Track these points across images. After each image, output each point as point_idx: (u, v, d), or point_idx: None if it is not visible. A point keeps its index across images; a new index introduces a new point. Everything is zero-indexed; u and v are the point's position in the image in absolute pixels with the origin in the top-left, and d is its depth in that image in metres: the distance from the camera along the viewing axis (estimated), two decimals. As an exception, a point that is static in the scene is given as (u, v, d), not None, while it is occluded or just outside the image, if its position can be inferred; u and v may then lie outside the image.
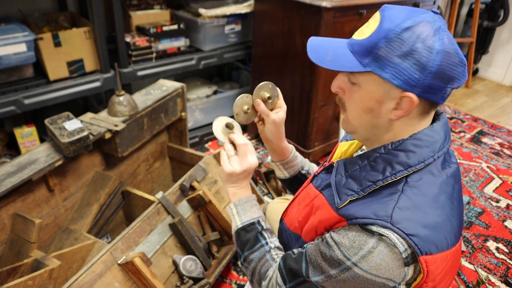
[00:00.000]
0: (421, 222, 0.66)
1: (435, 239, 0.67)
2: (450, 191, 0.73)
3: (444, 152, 0.72)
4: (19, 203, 1.19)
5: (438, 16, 0.66)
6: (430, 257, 0.66)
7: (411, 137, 0.71)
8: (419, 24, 0.64)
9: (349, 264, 0.67)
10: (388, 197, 0.68)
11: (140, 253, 1.10)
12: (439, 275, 0.70)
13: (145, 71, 1.88)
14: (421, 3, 2.05)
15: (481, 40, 3.28)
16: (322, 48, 0.74)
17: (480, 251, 1.65)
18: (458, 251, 0.75)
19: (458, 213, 0.75)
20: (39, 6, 1.82)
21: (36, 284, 1.05)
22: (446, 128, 0.74)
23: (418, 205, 0.68)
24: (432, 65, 0.63)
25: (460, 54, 0.66)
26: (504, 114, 2.90)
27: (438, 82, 0.65)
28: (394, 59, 0.64)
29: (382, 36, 0.65)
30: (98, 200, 1.39)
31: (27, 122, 1.72)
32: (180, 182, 1.36)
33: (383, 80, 0.66)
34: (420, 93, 0.65)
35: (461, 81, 0.67)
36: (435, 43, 0.63)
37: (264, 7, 1.95)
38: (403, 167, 0.69)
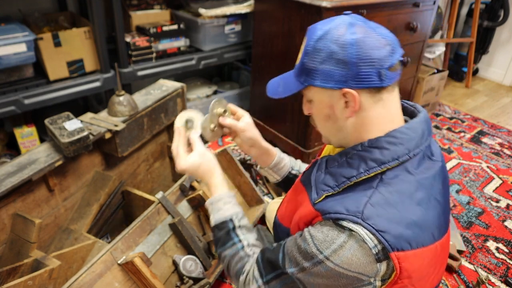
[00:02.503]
0: (393, 219, 0.68)
1: (407, 236, 0.68)
2: (429, 189, 0.74)
3: (422, 150, 0.74)
4: (19, 203, 1.19)
5: (349, 15, 0.74)
6: (402, 254, 0.67)
7: (387, 134, 0.73)
8: (330, 30, 0.71)
9: (321, 257, 0.69)
10: (361, 193, 0.71)
11: (140, 253, 1.10)
12: (415, 272, 0.70)
13: (145, 71, 1.88)
14: (421, 3, 2.05)
15: (481, 40, 3.28)
16: (275, 83, 0.84)
17: (480, 251, 1.65)
18: (439, 249, 0.75)
19: (440, 212, 0.75)
20: (39, 6, 1.82)
21: (36, 284, 1.05)
22: (425, 126, 0.76)
23: (391, 202, 0.69)
24: (351, 57, 0.69)
25: (382, 35, 0.71)
26: (504, 114, 2.90)
27: (366, 69, 0.69)
28: (318, 67, 0.72)
29: (304, 53, 0.74)
30: (98, 200, 1.39)
31: (27, 122, 1.72)
32: (180, 182, 1.36)
33: (322, 88, 0.73)
34: (355, 85, 0.71)
35: (391, 59, 0.70)
36: (347, 38, 0.69)
37: (264, 7, 1.95)
38: (376, 163, 0.72)
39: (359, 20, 0.72)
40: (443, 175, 0.79)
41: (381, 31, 0.72)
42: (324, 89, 0.73)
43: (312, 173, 0.81)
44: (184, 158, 0.94)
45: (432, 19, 2.26)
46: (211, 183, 0.96)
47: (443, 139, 2.50)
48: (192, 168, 0.94)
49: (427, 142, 0.75)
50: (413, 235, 0.68)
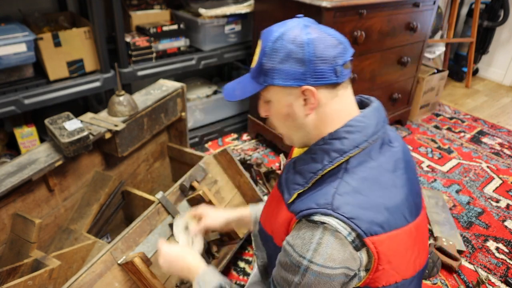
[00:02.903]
0: (362, 205, 0.70)
1: (378, 220, 0.69)
2: (392, 173, 0.76)
3: (379, 136, 0.77)
4: (19, 203, 1.19)
5: (303, 18, 0.77)
6: (376, 238, 0.69)
7: (344, 125, 0.76)
8: (286, 31, 0.74)
9: (305, 263, 0.69)
10: (328, 185, 0.73)
11: (140, 253, 1.10)
12: (394, 256, 0.72)
13: (145, 71, 1.88)
14: (421, 3, 2.05)
15: (481, 40, 3.28)
16: (230, 87, 0.85)
17: (480, 251, 1.65)
18: (414, 231, 0.77)
19: (407, 194, 0.77)
20: (39, 6, 1.82)
21: (36, 284, 1.05)
22: (378, 114, 0.80)
23: (358, 189, 0.71)
24: (308, 56, 0.72)
25: (334, 36, 0.75)
26: (504, 114, 2.90)
27: (322, 66, 0.73)
28: (277, 66, 0.74)
29: (262, 55, 0.76)
30: (98, 200, 1.39)
31: (27, 122, 1.72)
32: (180, 182, 1.36)
33: (281, 87, 0.75)
34: (314, 82, 0.74)
35: (344, 56, 0.75)
36: (303, 38, 0.72)
37: (264, 7, 1.95)
38: (338, 153, 0.74)
39: (312, 23, 0.76)
40: (405, 159, 0.82)
41: (332, 32, 0.76)
42: (283, 88, 0.75)
43: (283, 176, 0.84)
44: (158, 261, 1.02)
45: (432, 19, 2.26)
46: (190, 268, 0.97)
47: (443, 139, 2.50)
48: (166, 269, 1.00)
49: (383, 129, 0.79)
50: (384, 219, 0.70)
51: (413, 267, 0.78)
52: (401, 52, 2.18)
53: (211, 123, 2.37)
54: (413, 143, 2.43)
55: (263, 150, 2.28)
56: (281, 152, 2.09)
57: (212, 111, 2.32)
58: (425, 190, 1.98)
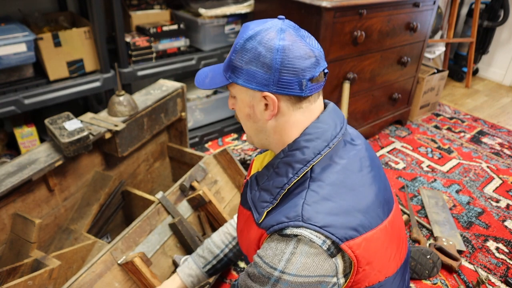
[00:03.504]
0: (333, 212, 0.69)
1: (351, 224, 0.69)
2: (358, 172, 0.75)
3: (339, 138, 0.76)
4: (19, 203, 1.19)
5: (283, 20, 0.74)
6: (352, 242, 0.68)
7: (302, 133, 0.75)
8: (261, 32, 0.71)
9: (277, 274, 0.68)
10: (296, 197, 0.72)
11: (140, 253, 1.10)
12: (373, 256, 0.71)
13: (145, 71, 1.88)
14: (421, 3, 2.05)
15: (481, 40, 3.28)
16: (204, 73, 0.84)
17: (480, 251, 1.65)
18: (389, 227, 0.76)
19: (377, 191, 0.76)
20: (39, 6, 1.82)
21: (36, 284, 1.05)
22: (335, 115, 0.78)
23: (326, 196, 0.70)
24: (275, 63, 0.70)
25: (310, 46, 0.71)
26: (504, 114, 2.90)
27: (288, 77, 0.70)
28: (244, 66, 0.73)
29: (233, 50, 0.74)
30: (98, 200, 1.39)
31: (27, 122, 1.72)
32: (180, 182, 1.36)
33: (245, 87, 0.74)
34: (276, 90, 0.72)
35: (313, 71, 0.71)
36: (275, 43, 0.70)
37: (264, 7, 1.95)
38: (302, 164, 0.73)
39: (290, 27, 0.73)
40: (369, 156, 0.80)
41: (310, 41, 0.73)
42: (247, 88, 0.74)
43: (248, 195, 0.82)
44: None
45: (432, 19, 2.26)
46: None
47: (443, 139, 2.50)
48: None
49: (342, 130, 0.77)
50: (358, 222, 0.69)
51: (395, 263, 0.78)
52: (401, 52, 2.18)
53: (211, 123, 2.37)
54: (413, 143, 2.43)
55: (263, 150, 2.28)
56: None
57: (212, 111, 2.32)
58: (425, 190, 1.99)
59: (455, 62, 3.45)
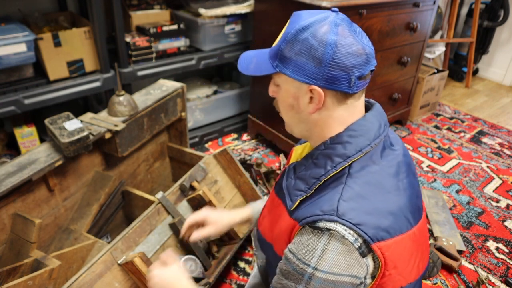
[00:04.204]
0: (367, 210, 0.68)
1: (384, 225, 0.68)
2: (395, 177, 0.75)
3: (381, 140, 0.75)
4: (19, 203, 1.19)
5: (337, 13, 0.73)
6: (383, 244, 0.67)
7: (346, 129, 0.75)
8: (314, 23, 0.70)
9: (310, 270, 0.67)
10: (332, 191, 0.71)
11: (140, 253, 1.10)
12: (399, 261, 0.71)
13: (145, 71, 1.88)
14: (421, 3, 2.05)
15: (481, 40, 3.28)
16: (248, 58, 0.82)
17: (480, 251, 1.65)
18: (417, 234, 0.76)
19: (410, 197, 0.76)
20: (39, 6, 1.82)
21: (36, 284, 1.05)
22: (380, 117, 0.78)
23: (362, 194, 0.70)
24: (327, 57, 0.68)
25: (362, 43, 0.70)
26: (504, 114, 2.90)
27: (338, 72, 0.69)
28: (293, 57, 0.71)
29: (283, 39, 0.73)
30: (98, 200, 1.39)
31: (27, 122, 1.72)
32: (180, 182, 1.36)
33: (292, 78, 0.73)
34: (324, 85, 0.71)
35: (363, 69, 0.70)
36: (328, 37, 0.68)
37: (264, 7, 1.95)
38: (342, 158, 0.73)
39: (344, 22, 0.72)
40: (406, 162, 0.80)
41: (362, 38, 0.72)
42: (293, 79, 0.73)
43: (283, 182, 0.81)
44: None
45: (432, 19, 2.26)
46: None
47: (443, 139, 2.50)
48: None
49: (385, 132, 0.77)
50: (389, 224, 0.69)
51: (417, 271, 0.77)
52: (401, 52, 2.18)
53: (211, 123, 2.37)
54: (413, 143, 2.43)
55: (263, 150, 2.28)
56: (281, 152, 2.09)
57: (212, 111, 2.32)
58: (425, 190, 1.98)
59: (455, 62, 3.45)
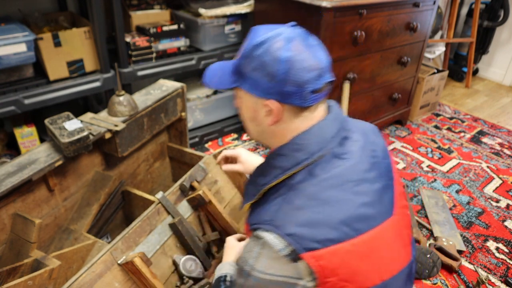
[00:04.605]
0: (301, 222, 0.71)
1: (316, 236, 0.70)
2: (338, 187, 0.75)
3: (326, 152, 0.76)
4: (19, 203, 1.19)
5: (294, 28, 0.75)
6: (315, 253, 0.70)
7: (289, 142, 0.78)
8: (269, 40, 0.73)
9: (248, 268, 0.75)
10: (274, 202, 0.76)
11: (140, 253, 1.10)
12: (342, 268, 0.72)
13: (145, 71, 1.88)
14: (421, 3, 2.05)
15: (481, 40, 3.28)
16: (213, 70, 0.85)
17: (480, 251, 1.65)
18: (372, 238, 0.75)
19: (359, 205, 0.75)
20: (39, 6, 1.82)
21: (36, 284, 1.05)
22: (330, 126, 0.79)
23: (299, 206, 0.73)
24: (279, 73, 0.71)
25: (315, 57, 0.73)
26: (504, 114, 2.90)
27: (291, 88, 0.72)
28: (250, 73, 0.75)
29: (241, 55, 0.76)
30: (98, 200, 1.39)
31: (27, 122, 1.72)
32: (180, 182, 1.36)
33: (249, 93, 0.77)
34: (280, 99, 0.74)
35: (316, 83, 0.73)
36: (281, 54, 0.71)
37: (264, 7, 1.95)
38: (281, 170, 0.77)
39: (299, 36, 0.74)
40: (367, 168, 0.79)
41: (317, 51, 0.74)
42: (251, 94, 0.77)
43: (246, 184, 0.88)
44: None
45: (432, 19, 2.26)
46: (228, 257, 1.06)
47: (443, 139, 2.50)
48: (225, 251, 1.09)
49: (333, 143, 0.78)
50: (322, 235, 0.70)
51: (378, 275, 0.77)
52: (401, 52, 2.18)
53: (211, 123, 2.37)
54: (413, 143, 2.43)
55: (263, 150, 2.28)
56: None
57: (212, 111, 2.32)
58: (425, 190, 1.99)
59: (455, 62, 3.45)
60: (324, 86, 0.75)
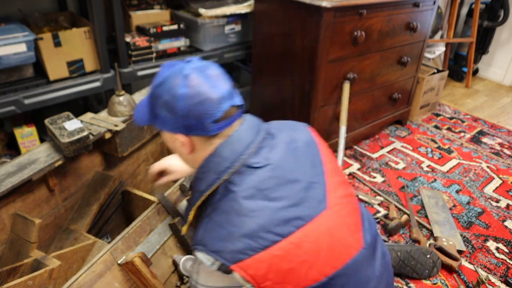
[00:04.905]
0: (223, 238, 0.76)
1: (238, 248, 0.74)
2: (252, 198, 0.78)
3: (235, 168, 0.79)
4: (19, 203, 1.19)
5: (190, 63, 0.80)
6: (242, 264, 0.74)
7: (200, 166, 0.84)
8: (168, 78, 0.78)
9: (194, 282, 0.85)
10: (202, 221, 0.82)
11: (140, 253, 1.10)
12: (271, 274, 0.75)
13: (145, 71, 1.88)
14: (421, 3, 2.05)
15: (481, 40, 3.28)
16: (139, 107, 0.91)
17: (480, 251, 1.65)
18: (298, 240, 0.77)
19: (276, 211, 0.77)
20: (39, 6, 1.82)
21: (36, 284, 1.05)
22: (236, 144, 0.81)
23: (219, 223, 0.78)
24: (179, 110, 0.77)
25: (214, 88, 0.76)
26: (504, 114, 2.90)
27: (191, 121, 0.77)
28: (158, 111, 0.80)
29: (149, 95, 0.84)
30: (98, 200, 1.39)
31: (27, 122, 1.72)
32: (180, 182, 1.36)
33: (161, 129, 0.84)
34: (185, 133, 0.80)
35: (215, 114, 0.77)
36: (179, 91, 0.76)
37: (264, 7, 1.95)
38: (199, 193, 0.83)
39: (196, 70, 0.78)
40: (271, 177, 0.80)
41: (215, 82, 0.78)
42: (163, 130, 0.84)
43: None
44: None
45: (432, 19, 2.26)
46: None
47: (443, 139, 2.50)
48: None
49: (246, 154, 0.80)
50: (244, 246, 0.74)
51: (320, 270, 0.78)
52: (401, 52, 2.18)
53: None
54: (413, 143, 2.43)
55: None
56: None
57: (212, 111, 2.31)
58: (425, 190, 1.99)
59: (455, 62, 3.45)
60: (229, 113, 0.79)
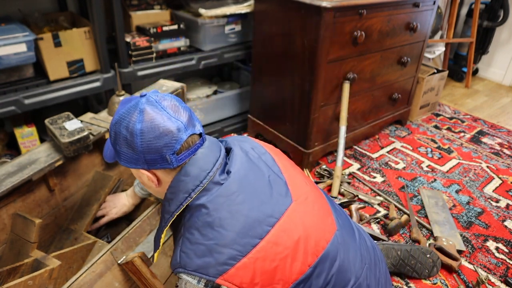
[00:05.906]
0: (202, 254, 0.76)
1: (221, 259, 0.75)
2: (224, 207, 0.79)
3: (203, 186, 0.80)
4: (19, 203, 1.19)
5: (144, 98, 0.79)
6: (227, 275, 0.74)
7: (168, 187, 0.84)
8: (124, 115, 0.78)
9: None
10: (176, 245, 0.83)
11: (140, 253, 1.10)
12: (257, 277, 0.75)
13: (145, 71, 1.88)
14: (421, 3, 2.05)
15: (481, 40, 3.28)
16: (106, 145, 0.92)
17: (480, 251, 1.65)
18: (273, 240, 0.78)
19: (246, 214, 0.79)
20: (39, 6, 1.82)
21: (36, 284, 1.05)
22: (201, 162, 0.81)
23: (196, 241, 0.78)
24: (137, 146, 0.77)
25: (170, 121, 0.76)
26: (504, 114, 2.90)
27: (152, 155, 0.77)
28: (118, 148, 0.81)
29: (110, 134, 0.84)
30: (98, 200, 1.39)
31: (27, 122, 1.72)
32: (180, 182, 1.36)
33: (124, 165, 0.83)
34: (147, 167, 0.80)
35: (174, 145, 0.77)
36: (135, 127, 0.76)
37: (264, 7, 1.95)
38: (169, 214, 0.84)
39: (150, 103, 0.78)
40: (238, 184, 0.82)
41: (172, 113, 0.77)
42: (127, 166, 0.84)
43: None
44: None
45: (432, 19, 2.26)
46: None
47: (443, 139, 2.50)
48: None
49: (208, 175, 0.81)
50: (225, 257, 0.75)
51: (303, 261, 0.80)
52: (401, 52, 2.18)
53: (211, 123, 2.37)
54: (413, 143, 2.43)
55: (263, 150, 2.28)
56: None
57: (212, 111, 2.32)
58: (425, 190, 1.99)
59: (455, 62, 3.45)
60: (190, 142, 0.79)
